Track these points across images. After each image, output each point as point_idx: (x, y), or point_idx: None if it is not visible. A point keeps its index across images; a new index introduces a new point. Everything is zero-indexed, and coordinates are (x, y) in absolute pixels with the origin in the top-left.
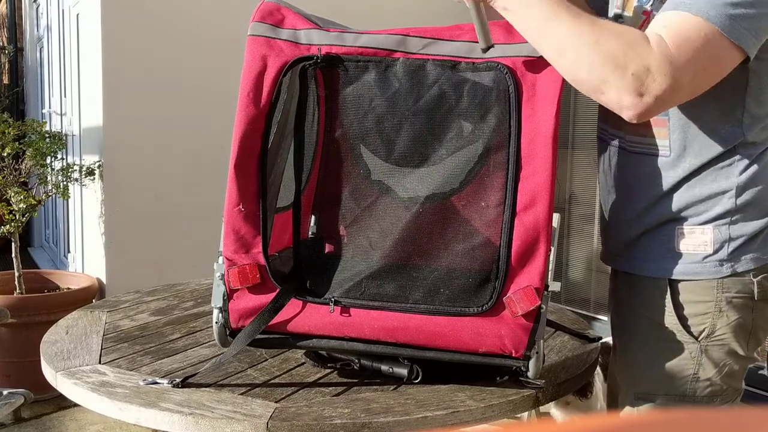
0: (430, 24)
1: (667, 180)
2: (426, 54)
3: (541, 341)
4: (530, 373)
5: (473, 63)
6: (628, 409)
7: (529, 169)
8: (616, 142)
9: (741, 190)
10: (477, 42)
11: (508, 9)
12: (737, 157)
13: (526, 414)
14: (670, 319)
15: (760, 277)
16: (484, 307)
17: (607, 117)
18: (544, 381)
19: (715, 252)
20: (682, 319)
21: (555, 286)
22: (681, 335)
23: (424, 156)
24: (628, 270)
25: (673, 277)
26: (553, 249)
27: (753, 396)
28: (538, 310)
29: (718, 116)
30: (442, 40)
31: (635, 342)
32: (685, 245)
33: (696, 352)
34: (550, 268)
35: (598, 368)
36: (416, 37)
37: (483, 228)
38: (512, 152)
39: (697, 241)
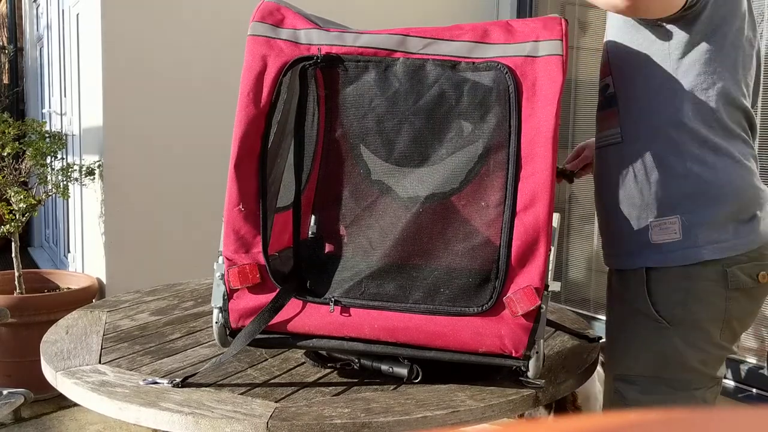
0: (430, 24)
1: (627, 167)
2: (426, 54)
3: (541, 341)
4: (530, 373)
5: (473, 63)
6: (607, 394)
7: (529, 169)
8: (598, 145)
9: (694, 176)
10: (477, 42)
11: None
12: (682, 141)
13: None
14: (645, 306)
15: (733, 267)
16: (484, 307)
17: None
18: (544, 381)
19: (686, 239)
20: (656, 305)
21: (555, 286)
22: (655, 320)
23: (424, 156)
24: (617, 267)
25: (649, 266)
26: (553, 249)
27: (753, 396)
28: (538, 310)
29: (658, 100)
30: (443, 40)
31: (617, 328)
32: (657, 236)
33: (668, 337)
34: (550, 268)
35: (598, 368)
36: (416, 37)
37: (483, 228)
38: (512, 152)
39: (667, 230)
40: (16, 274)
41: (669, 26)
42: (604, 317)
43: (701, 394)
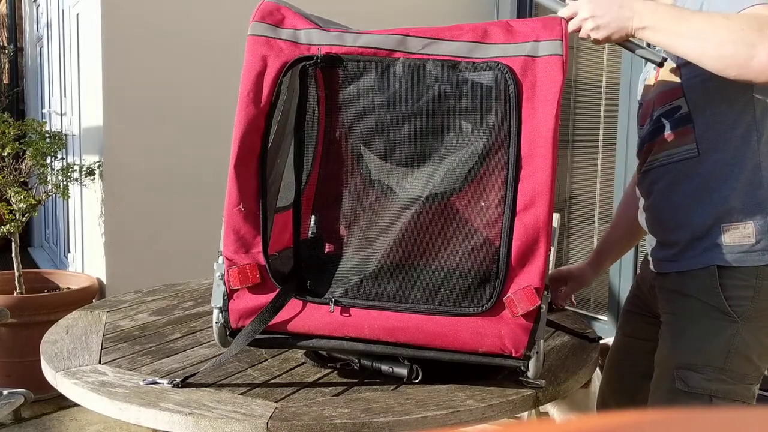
0: (430, 25)
1: (703, 177)
2: (426, 54)
3: (541, 341)
4: (530, 373)
5: (473, 63)
6: (662, 383)
7: (529, 169)
8: (657, 164)
9: None
10: (477, 42)
11: (647, 27)
12: (762, 151)
13: (526, 414)
14: (717, 299)
15: None
16: (484, 307)
17: (644, 150)
18: (544, 381)
19: (758, 242)
20: (728, 300)
21: None
22: (725, 314)
23: (424, 156)
24: (681, 269)
25: (720, 264)
26: (553, 249)
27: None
28: (538, 310)
29: (734, 113)
30: (443, 40)
31: (685, 321)
32: (730, 238)
33: (736, 330)
34: (550, 268)
35: (597, 368)
36: (416, 37)
37: (483, 228)
38: (512, 152)
39: (741, 234)
40: (16, 274)
41: None
42: (604, 317)
43: (754, 390)
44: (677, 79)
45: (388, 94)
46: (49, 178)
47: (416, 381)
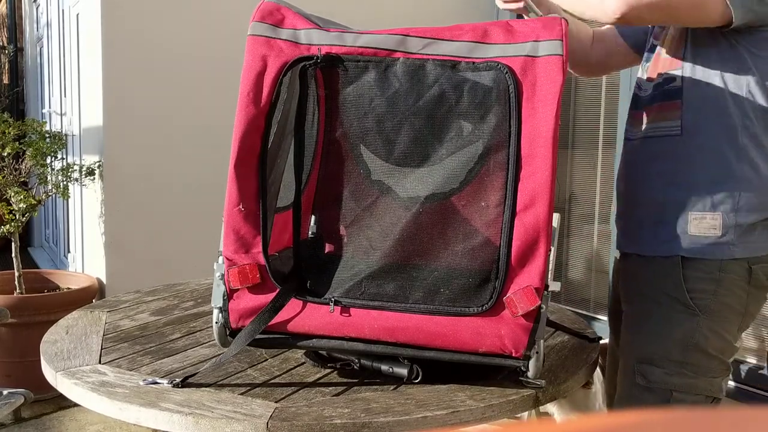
0: (430, 25)
1: (679, 159)
2: (426, 54)
3: (541, 341)
4: (530, 373)
5: (473, 63)
6: (624, 378)
7: (529, 169)
8: (639, 134)
9: (746, 179)
10: (477, 42)
11: None
12: (744, 144)
13: (526, 414)
14: (679, 292)
15: (756, 266)
16: (484, 307)
17: (632, 119)
18: (544, 381)
19: (723, 235)
20: (690, 292)
21: (555, 286)
22: (686, 307)
23: (424, 156)
24: (643, 252)
25: (684, 255)
26: (553, 249)
27: (753, 396)
28: (538, 310)
29: (725, 102)
30: (442, 40)
31: (643, 313)
32: (696, 228)
33: (696, 324)
34: (550, 268)
35: (597, 368)
36: (416, 37)
37: (483, 228)
38: (512, 152)
39: (707, 225)
40: (16, 274)
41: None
42: (604, 317)
43: (718, 383)
44: (681, 49)
45: (388, 94)
46: (49, 178)
47: (416, 381)
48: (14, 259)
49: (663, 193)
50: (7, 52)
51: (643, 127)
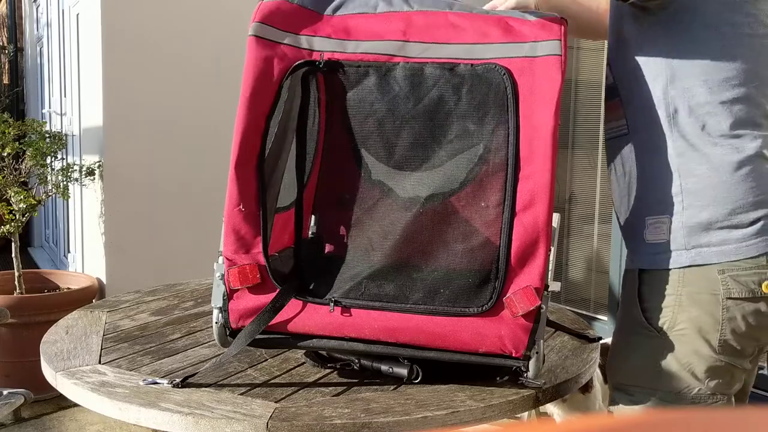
0: None
1: (631, 159)
2: (425, 57)
3: (541, 341)
4: (530, 373)
5: (471, 65)
6: (611, 401)
7: (529, 169)
8: (607, 136)
9: (692, 174)
10: (475, 43)
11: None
12: (684, 133)
13: (526, 414)
14: (636, 311)
15: (727, 274)
16: (484, 308)
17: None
18: (544, 381)
19: (673, 240)
20: (645, 312)
21: (555, 286)
22: (645, 327)
23: (424, 157)
24: (626, 265)
25: (642, 267)
26: (553, 249)
27: (753, 396)
28: (538, 310)
29: (655, 91)
30: (441, 43)
31: (616, 334)
32: (651, 235)
33: (658, 346)
34: (550, 268)
35: (597, 369)
36: (416, 42)
37: (483, 228)
38: (511, 152)
39: (658, 230)
40: (16, 274)
41: (653, 15)
42: (604, 317)
43: (708, 401)
44: (610, 43)
45: (388, 98)
46: (49, 178)
47: (416, 381)
48: (14, 259)
49: (624, 198)
50: (7, 52)
51: (606, 126)
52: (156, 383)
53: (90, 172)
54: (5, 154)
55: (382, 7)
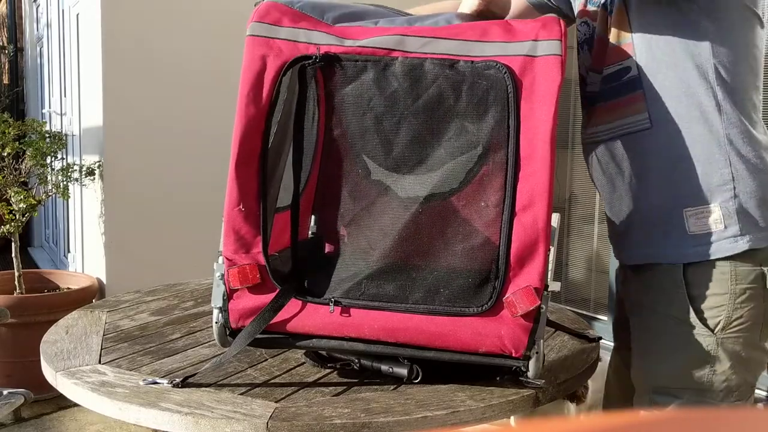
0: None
1: (657, 154)
2: (424, 53)
3: (541, 341)
4: (530, 373)
5: (472, 62)
6: (644, 405)
7: (529, 169)
8: (605, 137)
9: (737, 162)
10: (476, 41)
11: None
12: (722, 124)
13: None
14: (687, 313)
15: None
16: (483, 308)
17: (589, 120)
18: (544, 381)
19: (726, 228)
20: (699, 312)
21: (555, 286)
22: (698, 328)
23: (423, 156)
24: (648, 260)
25: (687, 261)
26: (552, 249)
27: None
28: (538, 310)
29: (688, 79)
30: (441, 38)
31: (653, 339)
32: (695, 226)
33: (712, 345)
34: (549, 268)
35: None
36: (415, 36)
37: (482, 228)
38: (511, 152)
39: (704, 220)
40: (16, 274)
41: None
42: (604, 317)
43: (742, 405)
44: (627, 34)
45: (387, 94)
46: (49, 178)
47: (416, 381)
48: (14, 259)
49: (649, 194)
50: (7, 52)
51: (607, 126)
52: (156, 383)
53: (90, 172)
54: (5, 154)
55: (383, 23)
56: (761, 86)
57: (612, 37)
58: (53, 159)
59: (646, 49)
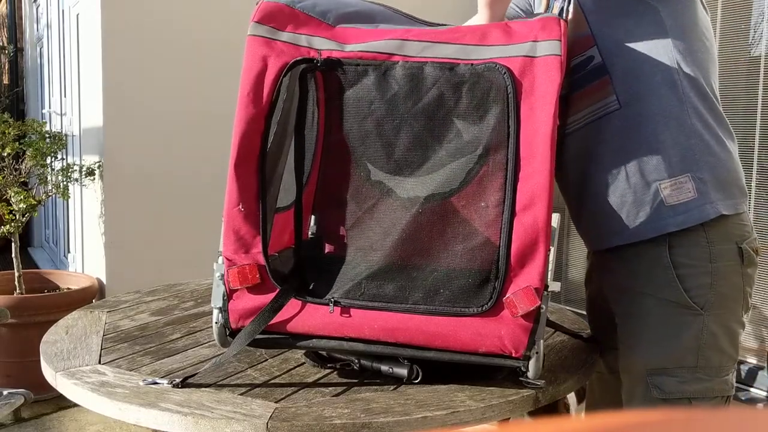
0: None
1: (627, 133)
2: (424, 57)
3: (541, 341)
4: (530, 374)
5: (471, 64)
6: (634, 392)
7: (529, 169)
8: (579, 125)
9: (701, 135)
10: (475, 44)
11: None
12: (686, 96)
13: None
14: (676, 294)
15: (744, 243)
16: (483, 308)
17: (567, 111)
18: (544, 381)
19: (700, 196)
20: (687, 291)
21: (555, 286)
22: (688, 308)
23: (423, 157)
24: (631, 239)
25: (671, 231)
26: (552, 249)
27: (753, 396)
28: (537, 310)
29: (651, 59)
30: (441, 42)
31: (642, 321)
32: (672, 197)
33: (703, 322)
34: (549, 268)
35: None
36: (415, 41)
37: (482, 228)
38: (511, 153)
39: (681, 189)
40: (16, 274)
41: None
42: None
43: (730, 379)
44: (585, 27)
45: (388, 97)
46: (49, 178)
47: (416, 381)
48: (14, 259)
49: (623, 171)
50: (7, 52)
51: (579, 114)
52: (156, 383)
53: (90, 172)
54: (5, 154)
55: (384, 26)
56: (716, 59)
57: (570, 31)
58: (53, 159)
59: (607, 36)
